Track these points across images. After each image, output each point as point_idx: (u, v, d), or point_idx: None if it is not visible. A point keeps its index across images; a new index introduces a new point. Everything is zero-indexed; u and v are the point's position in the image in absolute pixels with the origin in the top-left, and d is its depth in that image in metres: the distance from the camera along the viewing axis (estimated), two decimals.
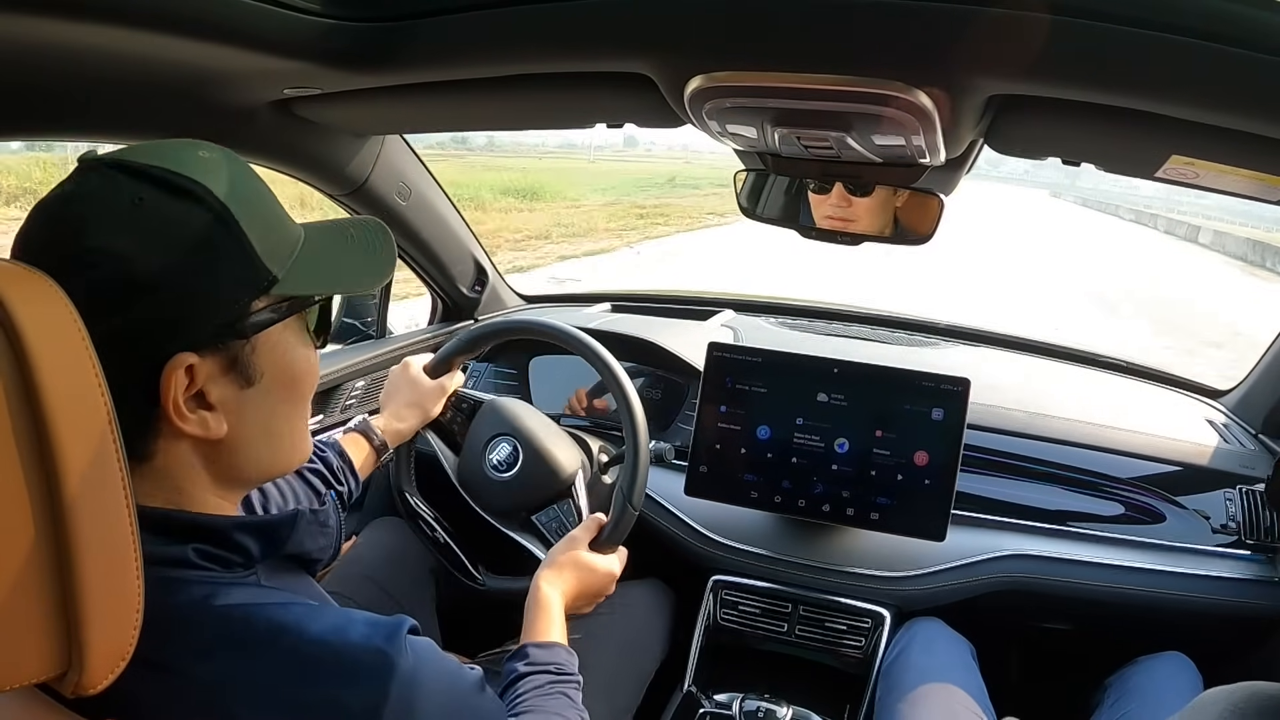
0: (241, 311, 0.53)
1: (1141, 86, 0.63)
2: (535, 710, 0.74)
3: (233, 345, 0.53)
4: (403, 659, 0.53)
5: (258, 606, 0.53)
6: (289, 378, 0.58)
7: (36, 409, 0.40)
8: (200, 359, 0.52)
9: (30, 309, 0.40)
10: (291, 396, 0.59)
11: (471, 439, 1.16)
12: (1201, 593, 1.12)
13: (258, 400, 0.56)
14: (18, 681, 0.41)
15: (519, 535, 1.11)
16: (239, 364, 0.54)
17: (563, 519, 1.11)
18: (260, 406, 0.57)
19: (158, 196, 0.50)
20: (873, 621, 1.15)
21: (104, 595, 0.43)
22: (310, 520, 0.62)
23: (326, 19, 0.72)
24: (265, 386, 0.56)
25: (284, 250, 0.56)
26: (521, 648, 0.83)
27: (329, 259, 0.60)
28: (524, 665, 0.80)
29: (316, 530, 0.63)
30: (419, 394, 1.10)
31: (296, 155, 1.13)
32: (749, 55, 0.69)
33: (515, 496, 1.12)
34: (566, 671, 0.81)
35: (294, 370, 0.58)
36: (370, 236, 0.65)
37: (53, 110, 0.81)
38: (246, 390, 0.55)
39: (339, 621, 0.54)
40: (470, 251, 1.60)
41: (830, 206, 1.06)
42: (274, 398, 0.57)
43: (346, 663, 0.52)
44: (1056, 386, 1.49)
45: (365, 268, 0.63)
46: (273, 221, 0.56)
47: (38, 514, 0.40)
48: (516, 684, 0.78)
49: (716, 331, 1.61)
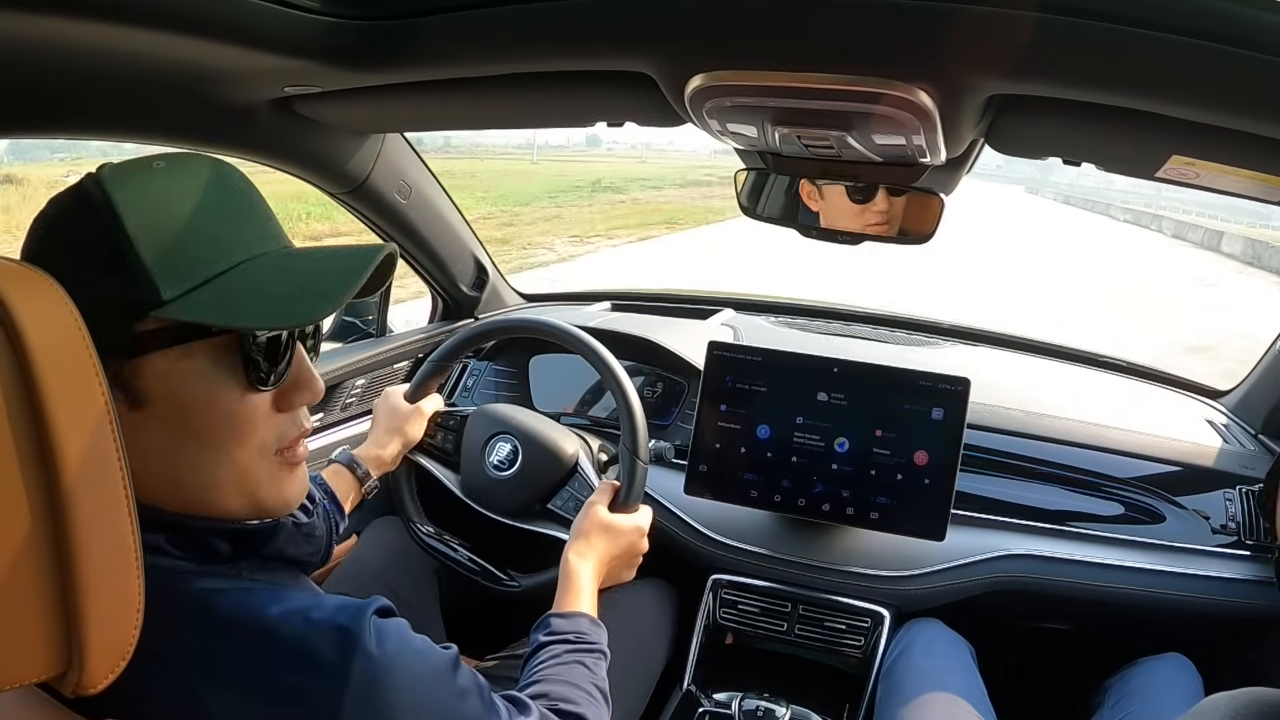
0: (113, 327, 0.50)
1: (1142, 86, 0.63)
2: (547, 680, 0.74)
3: (111, 360, 0.48)
4: (367, 638, 0.52)
5: (224, 591, 0.52)
6: (185, 412, 0.53)
7: (36, 407, 0.40)
8: None
9: (30, 306, 0.40)
10: (194, 435, 0.54)
11: (468, 449, 1.16)
12: (1201, 593, 1.12)
13: (151, 426, 0.52)
14: (18, 681, 0.41)
15: (540, 526, 1.12)
16: (119, 381, 0.51)
17: (577, 496, 1.12)
18: (153, 436, 0.53)
19: (70, 204, 0.53)
20: (872, 621, 1.15)
21: (104, 594, 0.43)
22: (292, 531, 0.61)
23: (327, 17, 0.72)
24: (158, 414, 0.52)
25: (193, 271, 0.52)
26: (544, 618, 0.83)
27: (264, 285, 0.54)
28: (544, 635, 0.80)
29: (301, 539, 0.62)
30: (398, 420, 1.12)
31: (297, 153, 1.13)
32: (749, 54, 0.69)
33: (524, 490, 1.12)
34: (587, 640, 0.80)
35: (191, 405, 0.53)
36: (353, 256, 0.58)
37: (53, 108, 0.81)
38: (135, 412, 0.52)
39: (305, 604, 0.53)
40: (470, 250, 1.60)
41: (875, 214, 1.04)
42: (170, 429, 0.53)
43: (308, 643, 0.51)
44: (1056, 386, 1.49)
45: (295, 299, 0.54)
46: (194, 239, 0.52)
47: (38, 512, 0.40)
48: (536, 654, 0.79)
49: (716, 330, 1.61)
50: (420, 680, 0.55)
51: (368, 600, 0.55)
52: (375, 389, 1.50)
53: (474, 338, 1.17)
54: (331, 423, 1.42)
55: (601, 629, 0.84)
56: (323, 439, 1.39)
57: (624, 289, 1.95)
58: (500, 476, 1.13)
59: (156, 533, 0.52)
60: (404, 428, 1.12)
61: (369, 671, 0.52)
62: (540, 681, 0.74)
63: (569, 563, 0.90)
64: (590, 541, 0.94)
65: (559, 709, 0.72)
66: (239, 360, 0.54)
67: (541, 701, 0.71)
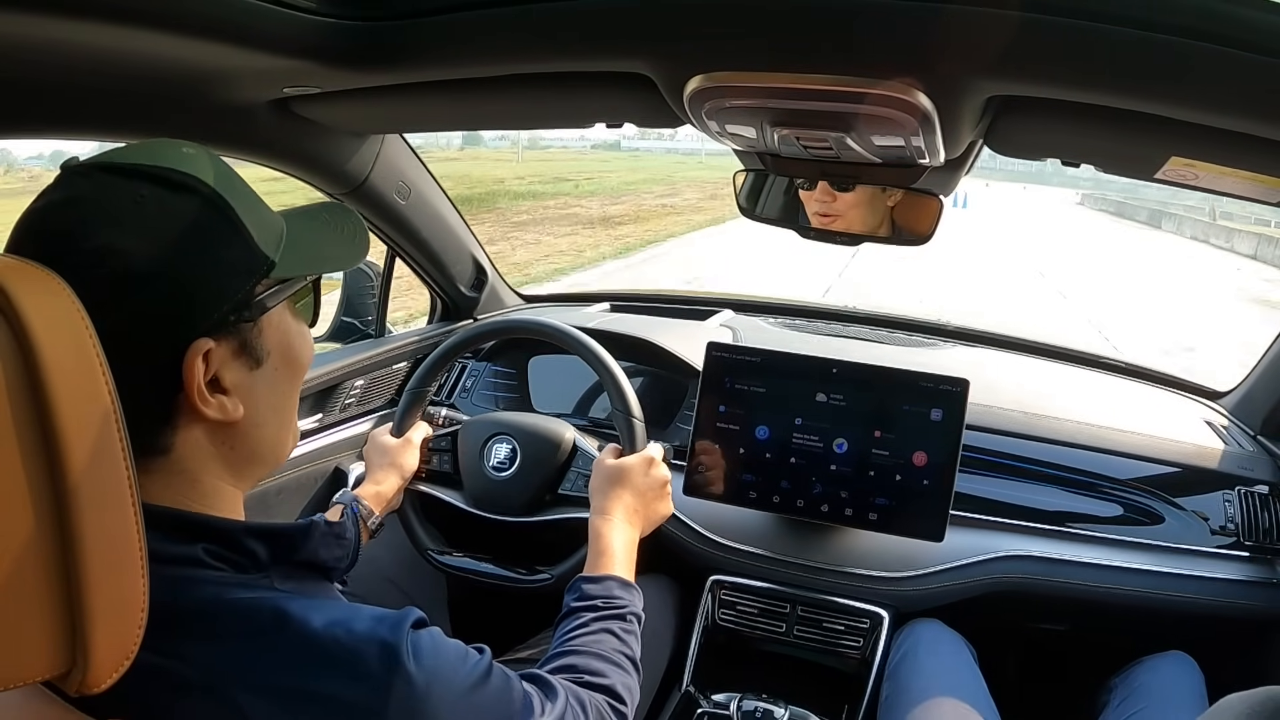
0: (247, 296, 0.55)
1: (1141, 87, 0.63)
2: (575, 652, 0.74)
3: (242, 329, 0.56)
4: (406, 650, 0.53)
5: (263, 599, 0.53)
6: (292, 356, 0.61)
7: (42, 404, 0.40)
8: (215, 344, 0.54)
9: (36, 302, 0.40)
10: (292, 375, 0.62)
11: (466, 461, 1.16)
12: (1200, 594, 1.12)
13: (266, 380, 0.59)
14: (22, 680, 0.41)
15: (558, 513, 1.11)
16: (248, 346, 0.56)
17: (584, 473, 1.12)
18: (268, 386, 0.59)
19: (157, 192, 0.52)
20: (871, 622, 1.15)
21: (108, 593, 0.43)
22: (325, 531, 0.62)
23: (326, 18, 0.72)
24: (272, 366, 0.59)
25: (274, 236, 0.58)
26: (574, 581, 0.83)
27: (310, 243, 0.63)
28: (574, 600, 0.80)
29: (332, 541, 0.63)
30: (389, 456, 1.12)
31: (295, 154, 1.13)
32: (748, 55, 0.69)
33: (531, 483, 1.12)
34: (616, 605, 0.80)
35: (295, 348, 0.61)
36: (339, 219, 0.68)
37: (50, 108, 0.81)
38: (256, 371, 0.58)
39: (344, 615, 0.54)
40: (470, 251, 1.60)
41: (815, 203, 1.08)
42: (279, 376, 0.60)
43: (350, 654, 0.52)
44: (1055, 387, 1.49)
45: (344, 250, 0.67)
46: (261, 210, 0.59)
47: (42, 511, 0.40)
48: (565, 620, 0.79)
49: (715, 331, 1.60)
50: (458, 693, 0.57)
51: (403, 612, 0.56)
52: (375, 389, 1.50)
53: (449, 352, 1.17)
54: (331, 423, 1.41)
55: (635, 591, 0.84)
56: (322, 439, 1.39)
57: (623, 290, 1.95)
58: (503, 477, 1.12)
59: (194, 544, 0.53)
60: (398, 462, 1.12)
61: (409, 686, 0.52)
62: (568, 654, 0.74)
63: (594, 527, 0.91)
64: (607, 496, 0.94)
65: (586, 681, 0.72)
66: (310, 302, 0.64)
67: (568, 675, 0.71)
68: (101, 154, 0.54)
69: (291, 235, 0.61)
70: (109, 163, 0.53)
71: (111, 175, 0.52)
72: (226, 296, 0.54)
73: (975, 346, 1.68)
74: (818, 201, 1.07)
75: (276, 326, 0.59)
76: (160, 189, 0.52)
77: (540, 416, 1.18)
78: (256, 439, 0.59)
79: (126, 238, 0.50)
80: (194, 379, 0.52)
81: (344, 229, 0.68)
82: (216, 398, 0.55)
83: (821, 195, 1.06)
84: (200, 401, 0.53)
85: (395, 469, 1.11)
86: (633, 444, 1.04)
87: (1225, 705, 0.61)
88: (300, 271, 0.60)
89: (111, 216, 0.51)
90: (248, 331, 0.56)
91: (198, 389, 0.53)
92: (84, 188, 0.52)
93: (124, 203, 0.51)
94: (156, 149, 0.55)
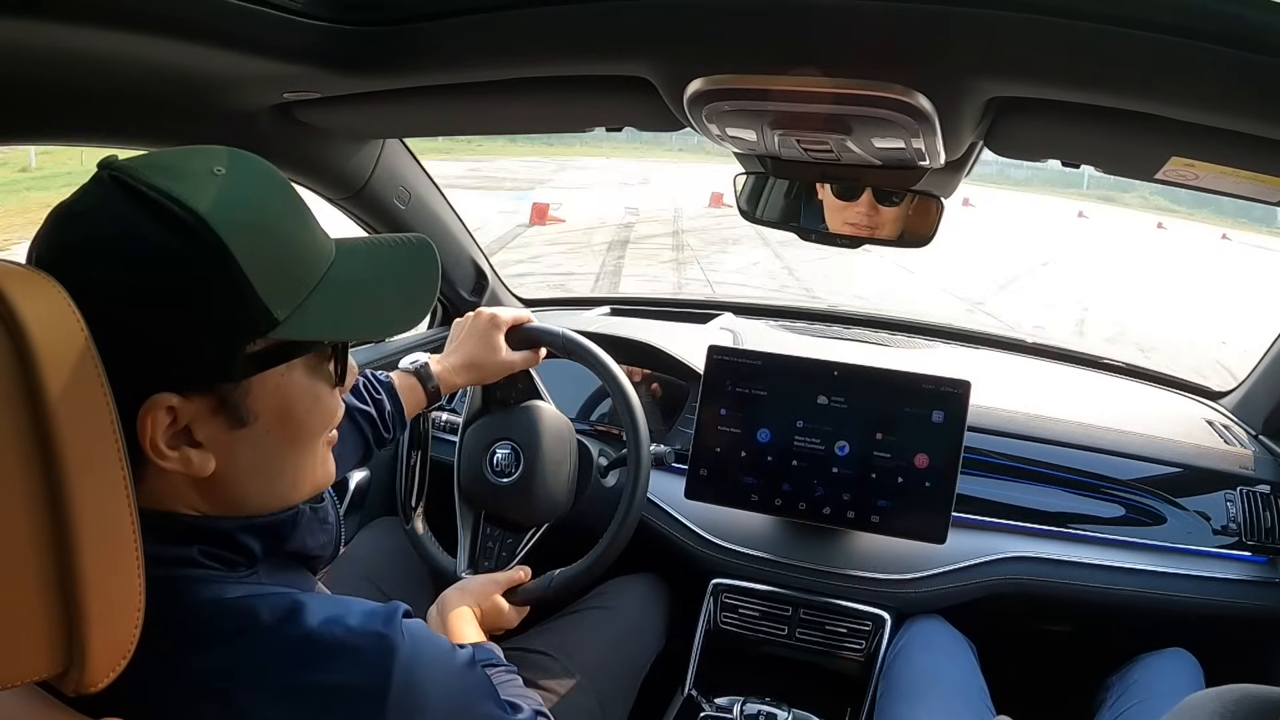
0: (230, 355, 0.50)
1: (1142, 88, 0.63)
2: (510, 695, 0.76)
3: (221, 387, 0.50)
4: (401, 641, 0.54)
5: (258, 597, 0.53)
6: (292, 421, 0.55)
7: (40, 407, 0.40)
8: (184, 399, 0.49)
9: (35, 307, 0.40)
10: (293, 438, 0.56)
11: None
12: (1202, 594, 1.12)
13: (253, 440, 0.53)
14: (18, 679, 0.41)
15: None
16: (229, 405, 0.51)
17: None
18: (255, 447, 0.54)
19: (150, 228, 0.47)
20: (873, 624, 1.15)
21: (105, 593, 0.43)
22: (310, 517, 0.63)
23: (326, 23, 0.72)
24: (262, 428, 0.53)
25: (294, 288, 0.52)
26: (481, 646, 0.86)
27: (348, 297, 0.55)
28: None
29: (317, 526, 0.64)
30: (490, 359, 1.02)
31: (296, 159, 1.12)
32: (748, 58, 0.69)
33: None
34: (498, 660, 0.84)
35: (295, 412, 0.55)
36: (412, 271, 0.60)
37: (50, 115, 0.81)
38: (239, 430, 0.52)
39: (337, 609, 0.54)
40: (470, 255, 1.60)
41: (856, 215, 1.05)
42: (272, 438, 0.54)
43: (347, 647, 0.52)
44: (1056, 388, 1.49)
45: (391, 313, 0.59)
46: (287, 254, 0.52)
47: (39, 511, 0.41)
48: None
49: (716, 334, 1.60)
50: (449, 676, 0.59)
51: (392, 605, 0.57)
52: None
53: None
54: None
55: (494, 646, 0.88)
56: None
57: (623, 294, 1.95)
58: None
59: (188, 544, 0.53)
60: (486, 369, 1.02)
61: (406, 671, 0.54)
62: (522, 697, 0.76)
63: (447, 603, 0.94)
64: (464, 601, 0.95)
65: (539, 710, 0.75)
66: (331, 363, 0.58)
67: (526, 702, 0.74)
68: (133, 159, 0.50)
69: (334, 283, 0.54)
70: (127, 174, 0.48)
71: (124, 194, 0.48)
72: (201, 353, 0.49)
73: (976, 348, 1.69)
74: (858, 214, 1.04)
75: (274, 389, 0.53)
76: (154, 223, 0.47)
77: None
78: (237, 494, 0.54)
79: (102, 270, 0.46)
80: (146, 433, 0.48)
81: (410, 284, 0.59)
82: (181, 450, 0.50)
83: (867, 209, 1.03)
84: (155, 454, 0.49)
85: (478, 373, 1.03)
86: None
87: (1196, 701, 0.60)
88: (314, 336, 0.53)
89: (98, 246, 0.47)
90: (229, 391, 0.51)
91: (150, 443, 0.48)
92: (95, 202, 0.49)
93: (116, 232, 0.47)
94: (185, 165, 0.50)
